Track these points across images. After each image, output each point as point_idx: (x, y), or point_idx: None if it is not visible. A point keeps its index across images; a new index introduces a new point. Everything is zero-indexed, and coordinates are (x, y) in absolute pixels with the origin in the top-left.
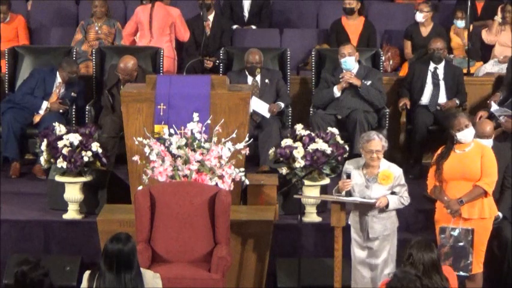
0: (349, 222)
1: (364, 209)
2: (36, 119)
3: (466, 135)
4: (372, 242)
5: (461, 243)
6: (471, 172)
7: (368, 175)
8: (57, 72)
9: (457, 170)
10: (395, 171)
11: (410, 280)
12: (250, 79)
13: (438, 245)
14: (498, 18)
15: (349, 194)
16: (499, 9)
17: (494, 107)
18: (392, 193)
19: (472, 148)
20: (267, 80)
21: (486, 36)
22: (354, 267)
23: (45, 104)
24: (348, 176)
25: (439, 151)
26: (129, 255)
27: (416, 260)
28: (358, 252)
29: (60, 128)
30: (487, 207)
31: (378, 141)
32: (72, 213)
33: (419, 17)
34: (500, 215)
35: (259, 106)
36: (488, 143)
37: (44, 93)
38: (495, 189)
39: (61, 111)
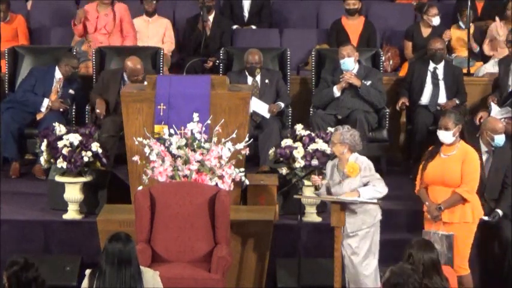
0: None
1: (342, 204)
2: (39, 116)
3: (440, 134)
4: (352, 238)
5: (440, 248)
6: (451, 178)
7: (340, 170)
8: (57, 68)
9: (438, 175)
10: (360, 162)
11: (409, 275)
12: (250, 79)
13: None
14: (499, 37)
15: (328, 191)
16: (498, 25)
17: (494, 110)
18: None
19: (455, 153)
20: (267, 80)
21: (488, 50)
22: (345, 264)
23: (46, 101)
24: (320, 173)
25: (430, 148)
26: (129, 254)
27: (416, 260)
28: (345, 248)
29: (60, 128)
30: (470, 211)
31: (336, 134)
32: (72, 213)
33: (437, 21)
34: (500, 212)
35: (259, 106)
36: (501, 138)
37: (43, 91)
38: (495, 189)
39: (61, 110)
